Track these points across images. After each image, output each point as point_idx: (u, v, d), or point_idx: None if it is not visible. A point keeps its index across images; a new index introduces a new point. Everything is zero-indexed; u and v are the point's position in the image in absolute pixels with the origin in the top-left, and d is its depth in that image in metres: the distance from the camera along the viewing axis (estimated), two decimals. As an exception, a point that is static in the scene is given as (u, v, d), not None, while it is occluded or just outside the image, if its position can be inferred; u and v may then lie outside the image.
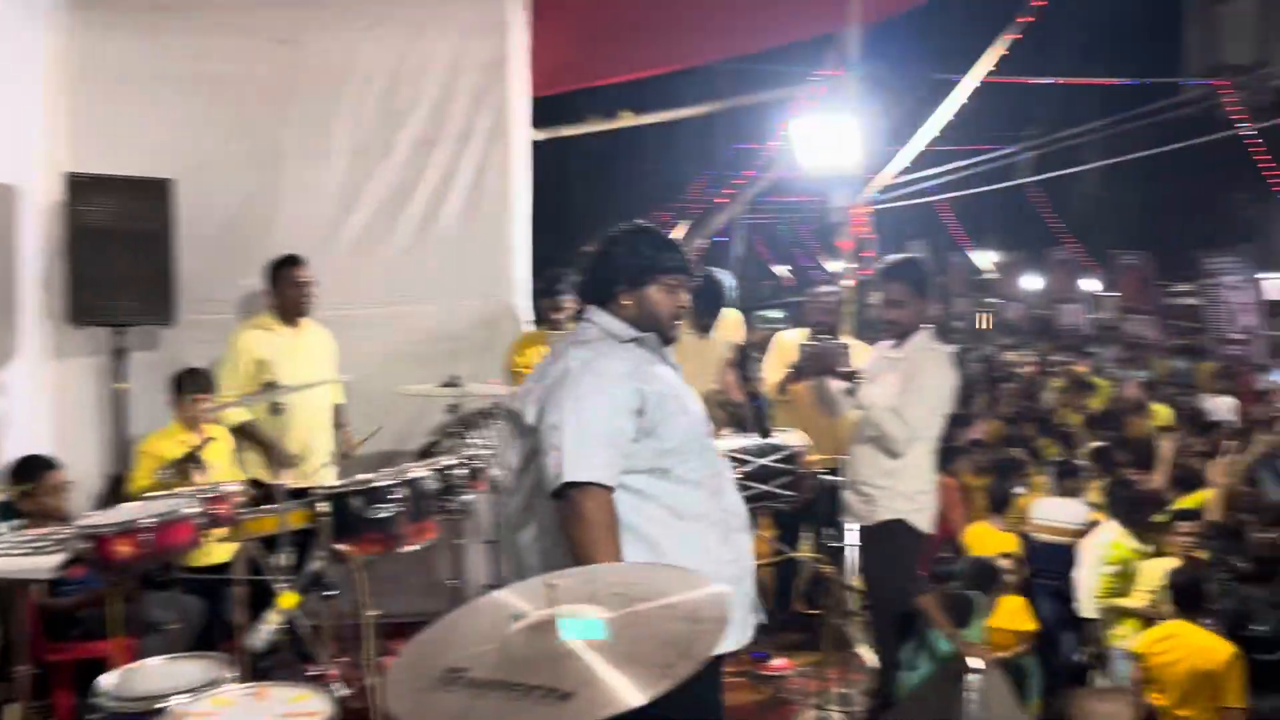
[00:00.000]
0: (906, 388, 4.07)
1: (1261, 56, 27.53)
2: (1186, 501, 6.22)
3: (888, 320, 4.24)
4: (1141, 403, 11.67)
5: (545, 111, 6.09)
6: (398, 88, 5.54)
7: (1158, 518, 5.75)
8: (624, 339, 2.62)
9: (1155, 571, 5.37)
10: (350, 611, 4.11)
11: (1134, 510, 6.00)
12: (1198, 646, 4.49)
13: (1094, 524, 6.18)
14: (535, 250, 6.00)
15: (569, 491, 2.38)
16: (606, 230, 2.75)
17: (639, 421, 2.48)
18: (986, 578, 4.57)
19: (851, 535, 4.52)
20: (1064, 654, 6.02)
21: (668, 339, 2.70)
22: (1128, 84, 16.23)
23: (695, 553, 2.47)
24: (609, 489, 2.41)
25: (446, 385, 4.62)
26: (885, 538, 4.18)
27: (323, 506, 3.83)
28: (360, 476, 4.07)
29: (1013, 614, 5.57)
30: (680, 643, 1.55)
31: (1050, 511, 6.84)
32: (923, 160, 8.84)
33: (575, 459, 2.39)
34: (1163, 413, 11.87)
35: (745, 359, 4.89)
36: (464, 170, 5.60)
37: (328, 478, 4.62)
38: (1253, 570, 5.12)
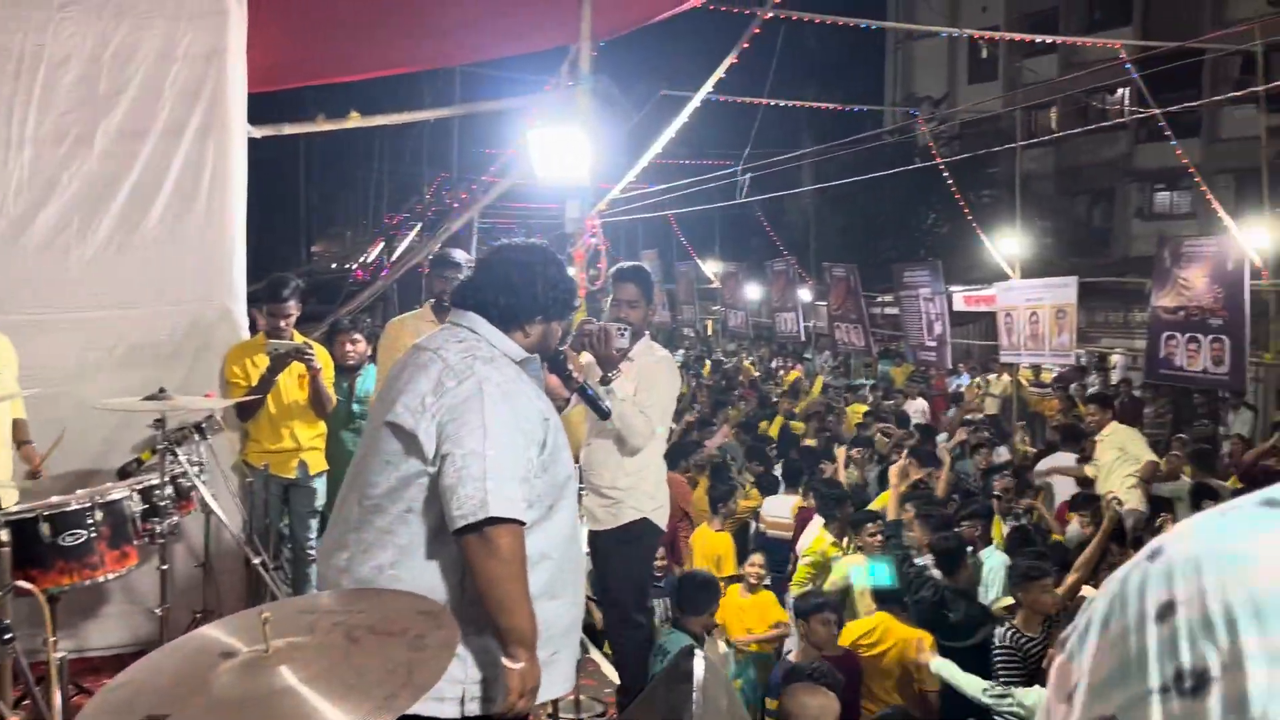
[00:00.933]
0: (641, 389, 4.20)
1: (949, 90, 30.59)
2: (879, 501, 6.79)
3: (620, 319, 4.35)
4: (831, 404, 12.66)
5: (269, 108, 5.77)
6: (99, 74, 5.05)
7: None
8: (516, 359, 2.53)
9: (843, 566, 5.83)
10: (37, 649, 3.71)
11: (831, 506, 6.49)
12: (900, 637, 4.91)
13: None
14: (258, 252, 5.66)
15: (487, 527, 2.24)
16: (518, 250, 2.63)
17: (540, 455, 2.41)
18: (703, 589, 4.78)
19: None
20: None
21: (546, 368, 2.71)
22: (836, 109, 17.47)
23: (554, 594, 2.45)
24: (523, 524, 2.31)
25: (152, 398, 4.24)
26: (630, 539, 4.28)
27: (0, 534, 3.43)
28: (53, 500, 3.69)
29: (764, 608, 5.87)
30: (403, 672, 1.51)
31: (774, 508, 7.28)
32: (654, 174, 9.15)
33: (500, 493, 2.26)
34: (859, 410, 12.92)
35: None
36: (175, 166, 5.17)
37: (7, 501, 4.15)
38: (935, 565, 5.64)
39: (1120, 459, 8.23)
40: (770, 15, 7.55)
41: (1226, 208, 14.75)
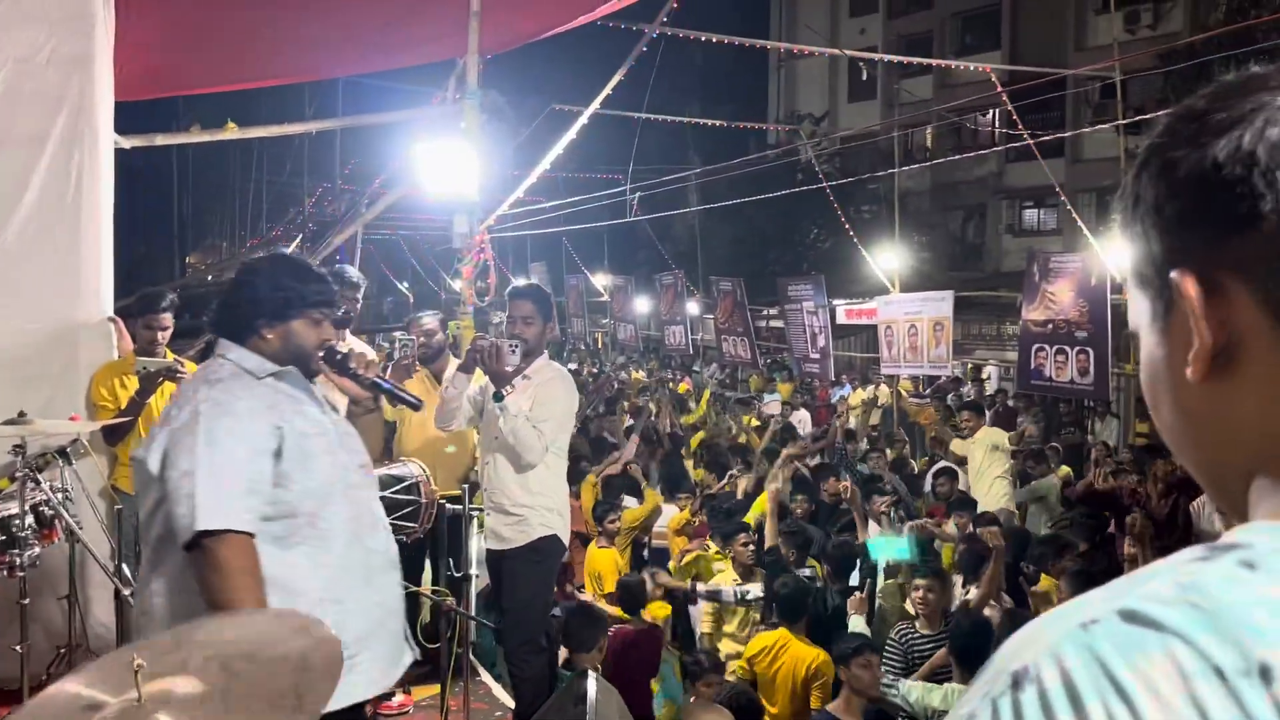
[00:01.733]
0: (538, 406, 4.18)
1: (830, 108, 31.41)
2: (754, 512, 6.91)
3: (516, 337, 4.33)
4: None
5: (140, 117, 5.53)
6: (-51, 77, 4.75)
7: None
8: (260, 375, 2.49)
9: (724, 578, 5.92)
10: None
11: (715, 518, 6.59)
12: (796, 654, 4.98)
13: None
14: (129, 265, 5.40)
15: (203, 540, 2.24)
16: (245, 260, 2.61)
17: (277, 464, 2.38)
18: (590, 624, 4.77)
19: (482, 565, 4.52)
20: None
21: (311, 373, 2.59)
22: (723, 125, 17.75)
23: (336, 598, 2.40)
24: (248, 535, 2.28)
25: (10, 422, 4.00)
26: (536, 557, 4.25)
27: None
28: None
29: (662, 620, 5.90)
30: (292, 696, 1.45)
31: (666, 520, 7.31)
32: (544, 188, 9.13)
33: (209, 506, 2.25)
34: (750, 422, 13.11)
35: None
36: (37, 176, 4.89)
37: None
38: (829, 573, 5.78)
39: (991, 458, 8.63)
40: (658, 33, 7.62)
41: (1089, 225, 15.50)
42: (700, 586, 5.99)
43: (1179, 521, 6.55)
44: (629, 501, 7.15)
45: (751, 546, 5.93)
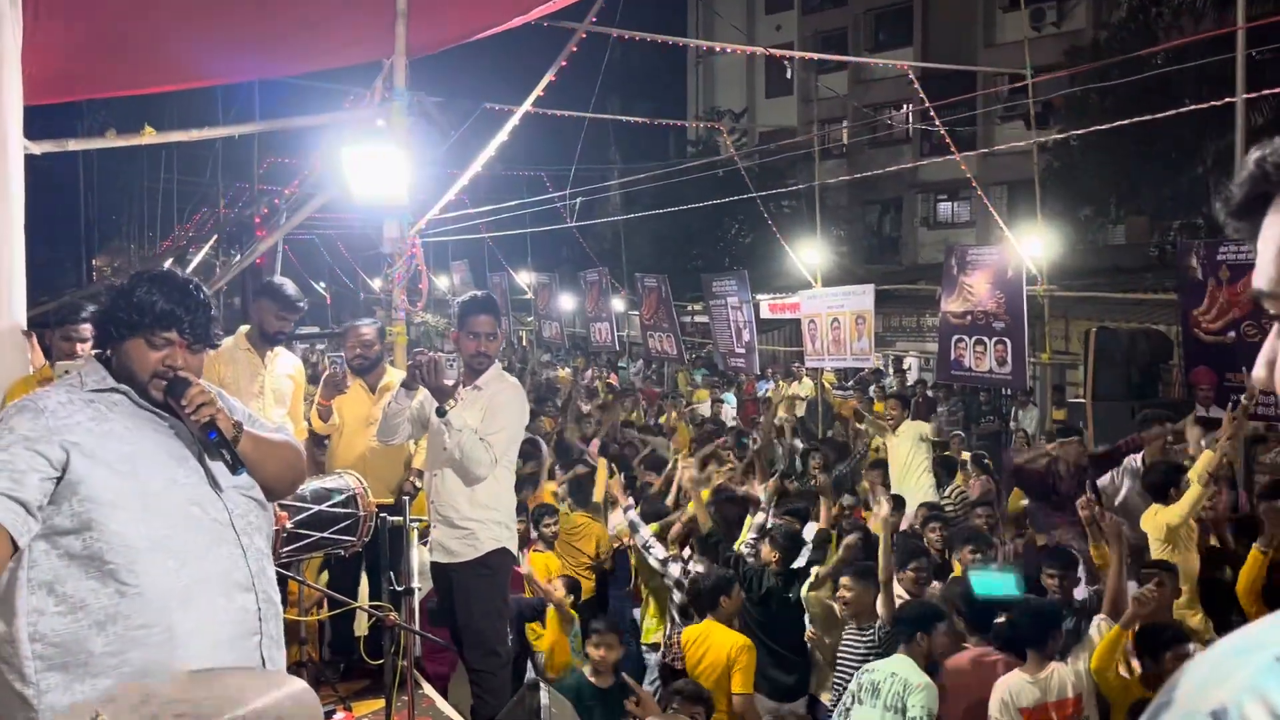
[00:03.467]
0: (488, 418, 4.14)
1: (748, 104, 31.71)
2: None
3: (481, 354, 4.27)
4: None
5: (48, 120, 5.31)
6: None
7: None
8: (90, 388, 2.41)
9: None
10: None
11: (651, 515, 6.65)
12: (717, 641, 5.06)
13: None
14: (31, 269, 5.15)
15: None
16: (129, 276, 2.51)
17: (55, 471, 2.26)
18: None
19: (424, 578, 4.46)
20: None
21: (153, 399, 2.44)
22: (646, 123, 17.77)
23: (140, 620, 2.28)
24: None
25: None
26: (486, 572, 4.21)
27: None
28: None
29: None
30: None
31: (615, 521, 7.30)
32: (469, 187, 9.02)
33: None
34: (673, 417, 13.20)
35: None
36: (-60, 185, 4.65)
37: None
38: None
39: (916, 449, 8.83)
40: (586, 33, 7.58)
41: (1001, 216, 15.92)
42: (644, 533, 6.00)
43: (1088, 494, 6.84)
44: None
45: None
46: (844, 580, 5.23)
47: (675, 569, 5.75)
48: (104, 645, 2.24)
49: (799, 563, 5.88)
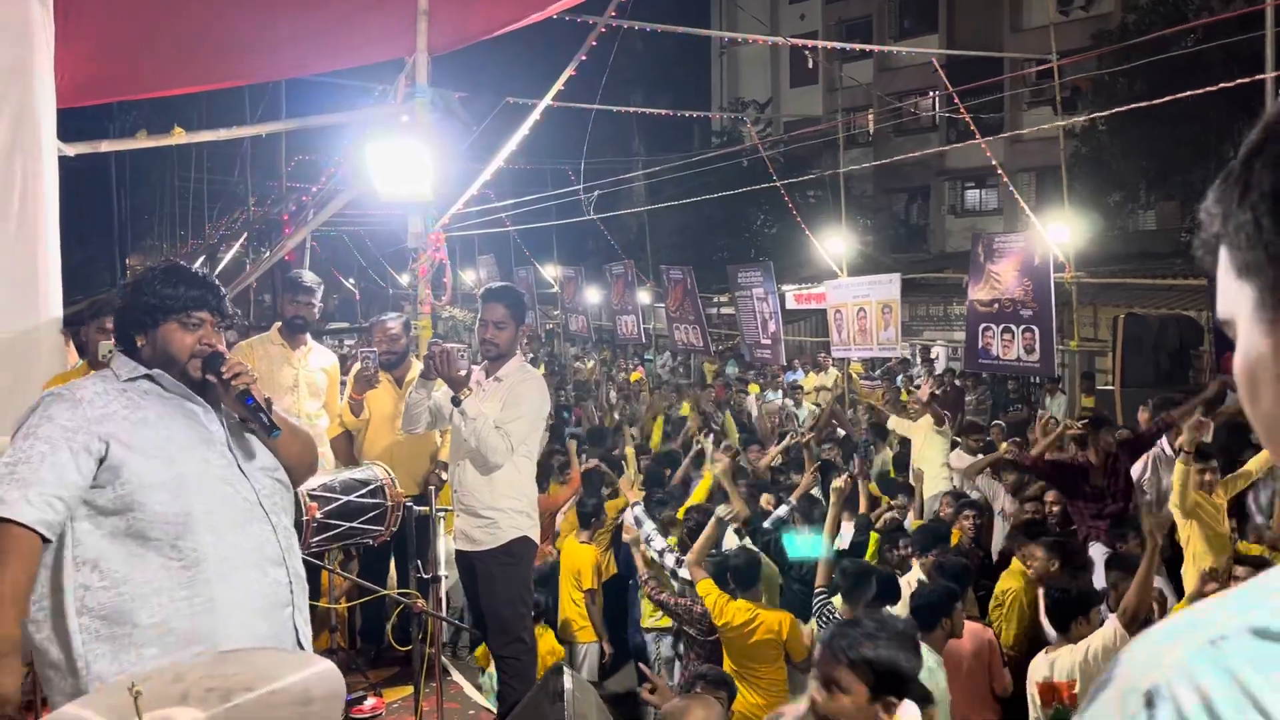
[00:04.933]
0: (507, 408, 4.21)
1: (773, 94, 31.59)
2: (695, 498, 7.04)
3: (489, 341, 4.35)
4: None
5: (81, 122, 5.43)
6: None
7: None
8: (123, 378, 2.53)
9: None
10: None
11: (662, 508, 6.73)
12: (765, 618, 5.14)
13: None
14: (67, 269, 5.27)
15: None
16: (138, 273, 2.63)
17: (102, 466, 2.39)
18: None
19: (450, 566, 4.53)
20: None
21: (191, 380, 2.58)
22: (669, 115, 17.77)
23: (177, 591, 2.39)
24: (17, 524, 2.27)
25: (-34, 442, 3.92)
26: (509, 560, 4.27)
27: None
28: None
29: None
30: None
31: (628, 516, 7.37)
32: (493, 181, 9.10)
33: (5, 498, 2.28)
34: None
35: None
36: (-22, 188, 4.78)
37: None
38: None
39: (930, 441, 8.75)
40: (607, 28, 7.61)
41: (1028, 203, 15.80)
42: (647, 528, 6.05)
43: (1120, 485, 6.77)
44: None
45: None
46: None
47: (670, 559, 5.82)
48: (149, 617, 2.35)
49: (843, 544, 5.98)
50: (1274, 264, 0.69)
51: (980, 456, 7.89)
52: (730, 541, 6.06)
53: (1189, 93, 11.35)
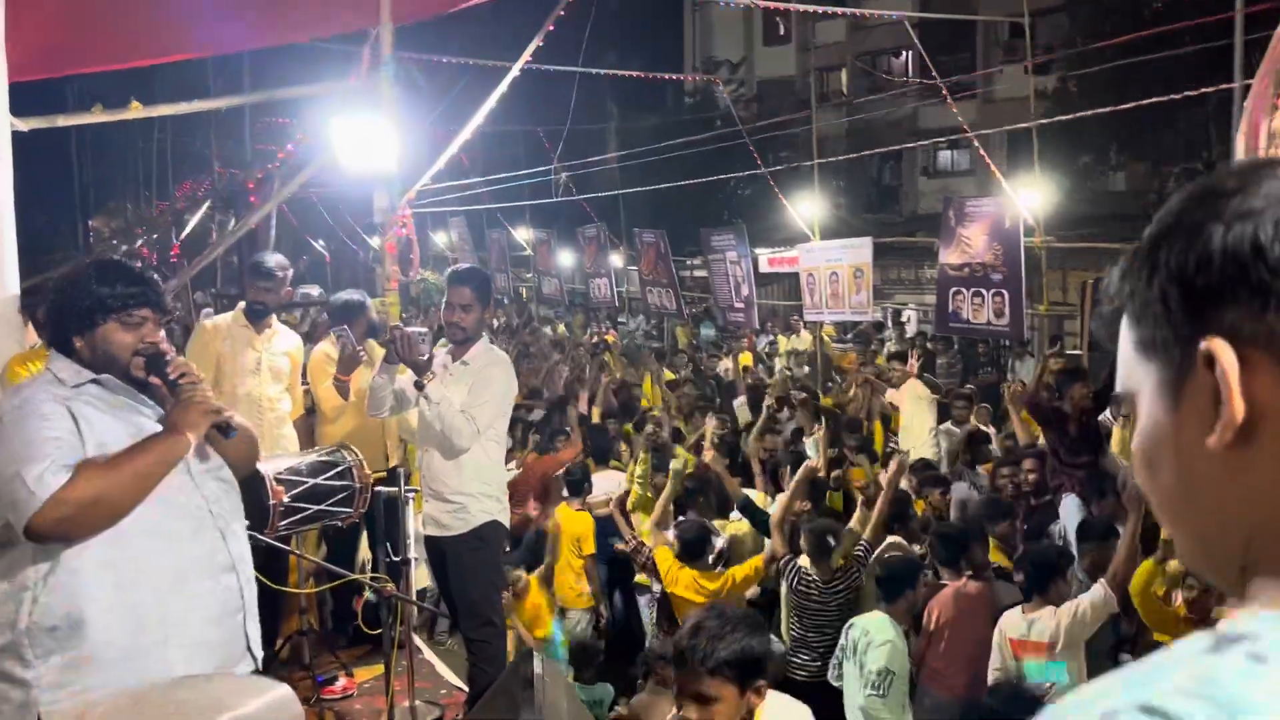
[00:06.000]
0: (474, 392, 4.20)
1: (746, 53, 31.34)
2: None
3: (455, 324, 4.33)
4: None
5: (33, 96, 5.29)
6: None
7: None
8: (72, 384, 2.48)
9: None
10: None
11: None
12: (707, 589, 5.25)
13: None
14: (28, 232, 5.16)
15: (39, 520, 2.28)
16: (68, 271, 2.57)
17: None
18: None
19: (419, 548, 4.53)
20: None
21: (134, 380, 2.54)
22: (642, 77, 17.59)
23: (126, 599, 2.38)
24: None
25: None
26: (479, 544, 4.28)
27: None
28: None
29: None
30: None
31: (603, 485, 7.39)
32: (465, 145, 8.96)
33: (35, 496, 2.28)
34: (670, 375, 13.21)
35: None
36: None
37: None
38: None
39: (916, 408, 8.83)
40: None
41: (1000, 165, 15.80)
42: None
43: (1091, 439, 6.83)
44: None
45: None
46: None
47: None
48: (100, 630, 2.33)
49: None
50: (1180, 344, 0.72)
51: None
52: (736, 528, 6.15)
53: (1155, 55, 11.36)
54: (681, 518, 6.04)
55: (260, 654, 2.66)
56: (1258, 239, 0.68)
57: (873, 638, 4.55)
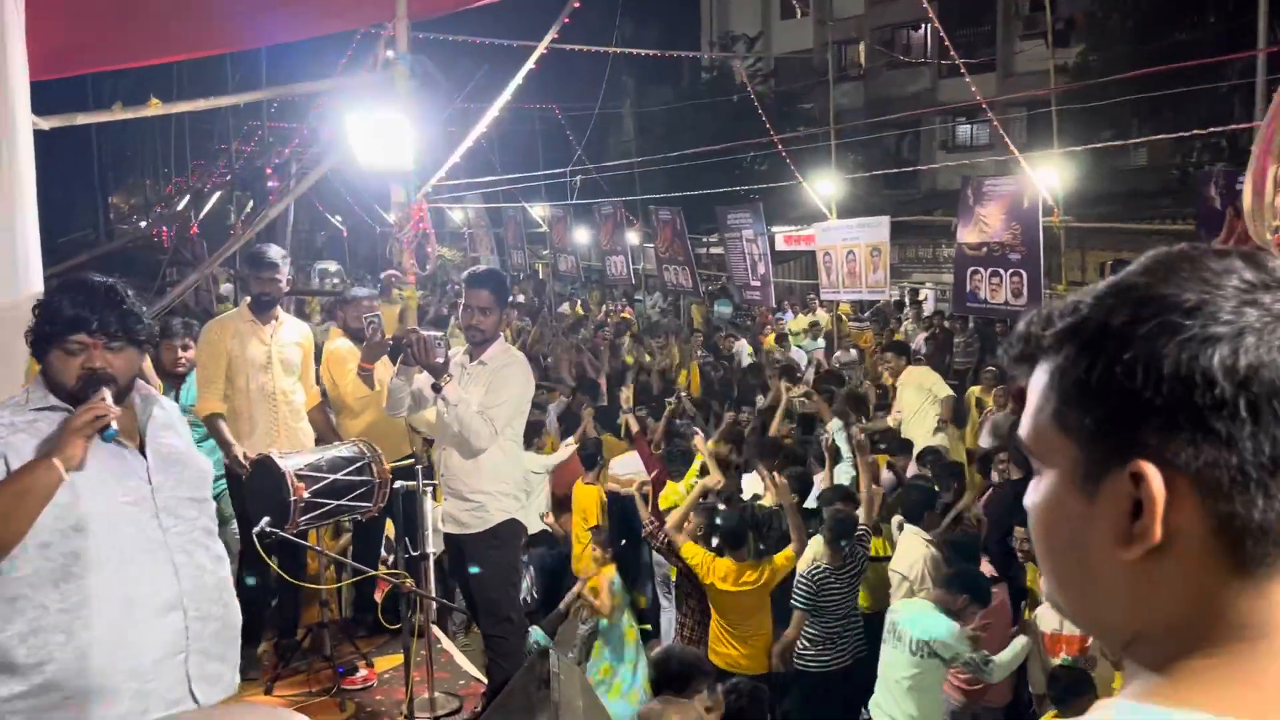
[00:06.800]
0: (491, 392, 4.25)
1: (763, 27, 31.07)
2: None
3: (474, 326, 4.37)
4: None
5: (54, 93, 5.34)
6: None
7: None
8: (31, 406, 2.48)
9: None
10: None
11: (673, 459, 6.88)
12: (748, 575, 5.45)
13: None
14: (50, 205, 5.18)
15: None
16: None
17: None
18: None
19: (438, 542, 4.60)
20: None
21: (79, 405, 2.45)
22: (657, 55, 17.50)
23: (68, 629, 2.38)
24: None
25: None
26: (496, 543, 4.35)
27: None
28: None
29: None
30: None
31: (622, 466, 7.47)
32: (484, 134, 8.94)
33: None
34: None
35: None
36: (-47, 165, 4.70)
37: None
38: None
39: (919, 397, 8.71)
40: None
41: (1019, 140, 15.67)
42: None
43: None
44: None
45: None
46: None
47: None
48: (25, 655, 2.35)
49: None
50: (1107, 444, 0.72)
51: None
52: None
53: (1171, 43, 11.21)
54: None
55: (204, 698, 2.55)
56: (1211, 373, 0.68)
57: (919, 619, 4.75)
